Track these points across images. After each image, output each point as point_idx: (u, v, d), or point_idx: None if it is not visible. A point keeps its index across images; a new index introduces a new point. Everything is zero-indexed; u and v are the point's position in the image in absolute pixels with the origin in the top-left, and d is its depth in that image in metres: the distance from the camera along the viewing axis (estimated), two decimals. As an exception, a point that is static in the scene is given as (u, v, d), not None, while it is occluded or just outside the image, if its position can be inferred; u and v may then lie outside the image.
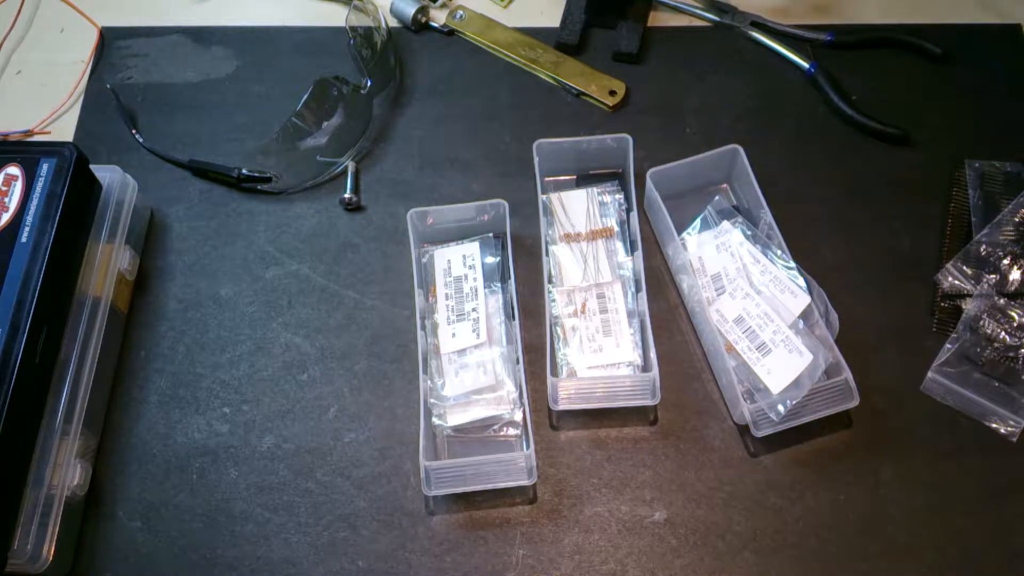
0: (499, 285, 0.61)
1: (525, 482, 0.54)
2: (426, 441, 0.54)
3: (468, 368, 0.58)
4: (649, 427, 0.58)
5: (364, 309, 0.62)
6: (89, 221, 0.58)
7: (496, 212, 0.61)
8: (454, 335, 0.59)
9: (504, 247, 0.62)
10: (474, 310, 0.59)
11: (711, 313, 0.58)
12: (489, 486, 0.54)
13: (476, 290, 0.60)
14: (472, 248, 0.61)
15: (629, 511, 0.55)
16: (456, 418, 0.57)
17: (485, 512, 0.55)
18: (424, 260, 0.62)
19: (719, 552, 0.54)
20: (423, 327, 0.59)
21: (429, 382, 0.57)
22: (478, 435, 0.57)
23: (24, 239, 0.53)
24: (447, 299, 0.60)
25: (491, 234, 0.63)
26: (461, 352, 0.58)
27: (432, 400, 0.57)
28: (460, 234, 0.63)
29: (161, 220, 0.65)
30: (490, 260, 0.61)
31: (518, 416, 0.56)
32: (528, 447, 0.54)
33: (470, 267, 0.60)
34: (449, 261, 0.61)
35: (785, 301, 0.58)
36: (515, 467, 0.54)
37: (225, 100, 0.70)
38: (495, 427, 0.57)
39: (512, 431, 0.57)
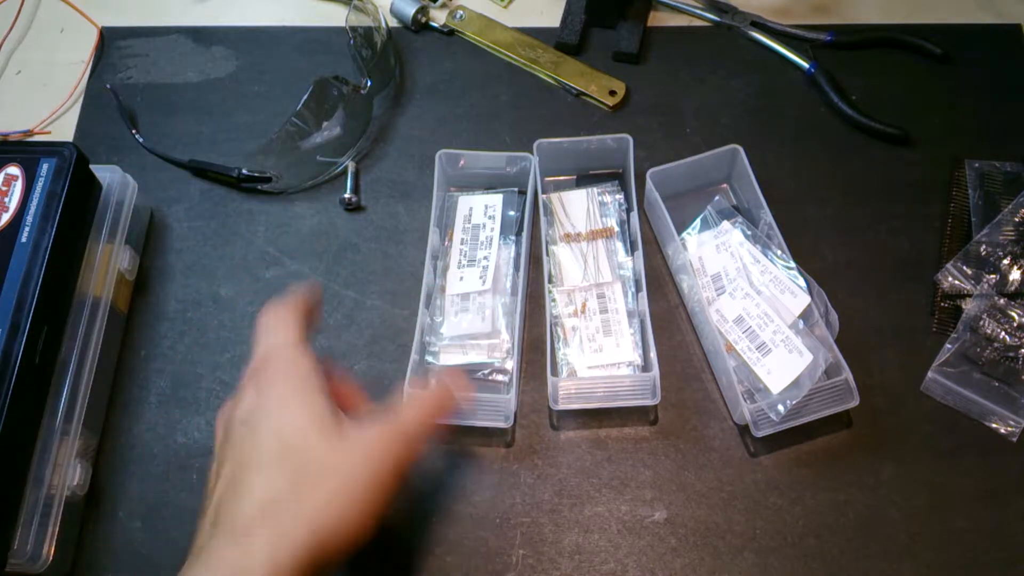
0: (514, 238, 0.62)
1: (501, 424, 0.55)
2: (412, 372, 0.55)
3: (468, 312, 0.59)
4: (649, 427, 0.58)
5: (364, 309, 0.62)
6: (89, 221, 0.58)
7: (523, 165, 0.63)
8: (461, 278, 0.60)
9: (525, 202, 0.63)
10: (485, 258, 0.61)
11: (711, 313, 0.58)
12: (465, 423, 0.55)
13: (491, 240, 0.61)
14: (495, 200, 0.63)
15: (629, 511, 0.55)
16: (448, 358, 0.58)
17: (484, 512, 0.55)
18: (447, 204, 0.64)
19: (719, 552, 0.54)
20: (433, 264, 0.61)
21: (428, 319, 0.59)
22: (468, 379, 0.57)
23: (24, 239, 0.53)
24: (462, 244, 0.62)
25: (516, 189, 0.64)
26: (464, 296, 0.60)
27: (428, 337, 0.59)
28: (485, 184, 0.65)
29: (161, 220, 0.66)
30: (510, 214, 0.63)
31: (509, 365, 0.58)
32: (510, 392, 0.56)
33: (490, 217, 0.62)
34: (471, 208, 0.63)
35: (785, 301, 0.58)
36: (494, 409, 0.55)
37: (225, 100, 0.70)
38: (484, 372, 0.58)
39: (501, 378, 0.58)
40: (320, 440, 0.39)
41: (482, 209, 0.63)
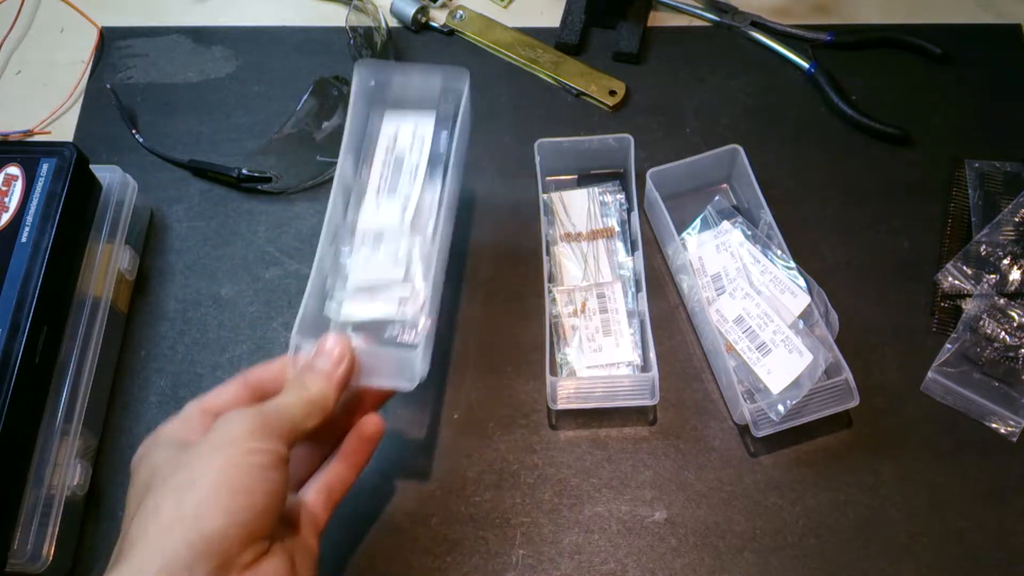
0: (442, 175, 0.53)
1: (405, 385, 0.46)
2: (300, 326, 0.46)
3: (379, 258, 0.50)
4: (649, 427, 0.58)
5: (364, 309, 0.62)
6: (89, 221, 0.58)
7: (456, 88, 0.53)
8: (378, 208, 0.52)
9: (453, 129, 0.54)
10: (408, 188, 0.52)
11: (711, 313, 0.58)
12: (364, 383, 0.46)
13: (417, 168, 0.52)
14: (426, 122, 0.54)
15: (629, 511, 0.55)
16: (353, 309, 0.49)
17: (485, 512, 0.55)
18: (369, 124, 0.54)
19: (719, 552, 0.54)
20: (343, 199, 0.52)
21: (329, 260, 0.50)
22: (372, 337, 0.48)
23: (24, 239, 0.53)
24: (383, 171, 0.53)
25: (451, 108, 0.54)
26: (377, 238, 0.51)
27: (330, 280, 0.50)
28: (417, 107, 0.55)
29: (161, 220, 0.66)
30: (443, 142, 0.53)
31: (422, 324, 0.48)
32: (417, 350, 0.46)
33: (419, 140, 0.53)
34: (397, 129, 0.54)
35: (785, 301, 0.58)
36: (393, 367, 0.46)
37: (225, 100, 0.70)
38: (393, 333, 0.49)
39: (409, 338, 0.48)
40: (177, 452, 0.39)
41: (409, 132, 0.54)
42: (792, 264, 0.59)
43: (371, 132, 0.55)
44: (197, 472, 0.37)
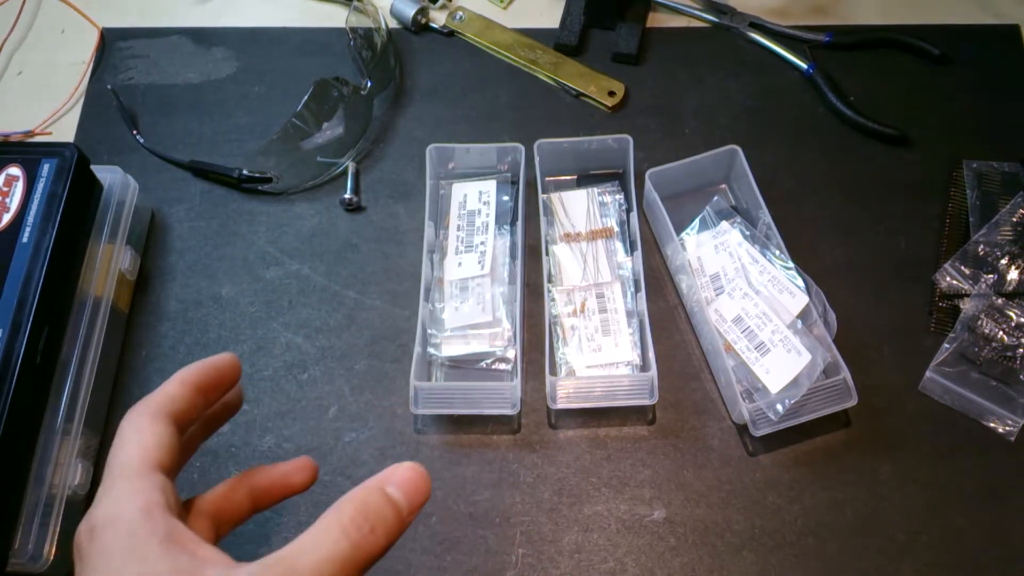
0: (508, 228, 0.63)
1: (508, 411, 0.56)
2: (418, 366, 0.56)
3: (468, 303, 0.60)
4: (648, 426, 0.58)
5: (364, 309, 0.62)
6: (90, 221, 0.58)
7: (514, 157, 0.64)
8: (460, 264, 0.61)
9: (517, 191, 0.64)
10: (483, 243, 0.61)
11: (710, 313, 0.59)
12: (474, 411, 0.57)
13: (487, 225, 0.62)
14: (489, 185, 0.64)
15: (628, 510, 0.55)
16: (451, 349, 0.59)
17: (484, 510, 0.55)
18: (442, 194, 0.65)
19: (718, 551, 0.54)
20: (430, 258, 0.61)
21: (430, 306, 0.60)
22: (469, 367, 0.59)
23: (25, 239, 0.54)
24: (458, 230, 0.62)
25: (508, 174, 0.65)
26: (464, 288, 0.60)
27: (430, 330, 0.59)
28: (477, 176, 0.66)
29: (162, 220, 0.66)
30: (504, 199, 0.64)
31: (511, 354, 0.58)
32: (515, 379, 0.56)
33: (484, 203, 0.63)
34: (465, 195, 0.64)
35: (783, 301, 0.58)
36: (500, 397, 0.56)
37: (226, 101, 0.70)
38: (487, 362, 0.59)
39: (503, 366, 0.59)
40: None
41: (476, 195, 0.64)
42: (790, 264, 0.59)
43: (443, 198, 0.65)
44: None
